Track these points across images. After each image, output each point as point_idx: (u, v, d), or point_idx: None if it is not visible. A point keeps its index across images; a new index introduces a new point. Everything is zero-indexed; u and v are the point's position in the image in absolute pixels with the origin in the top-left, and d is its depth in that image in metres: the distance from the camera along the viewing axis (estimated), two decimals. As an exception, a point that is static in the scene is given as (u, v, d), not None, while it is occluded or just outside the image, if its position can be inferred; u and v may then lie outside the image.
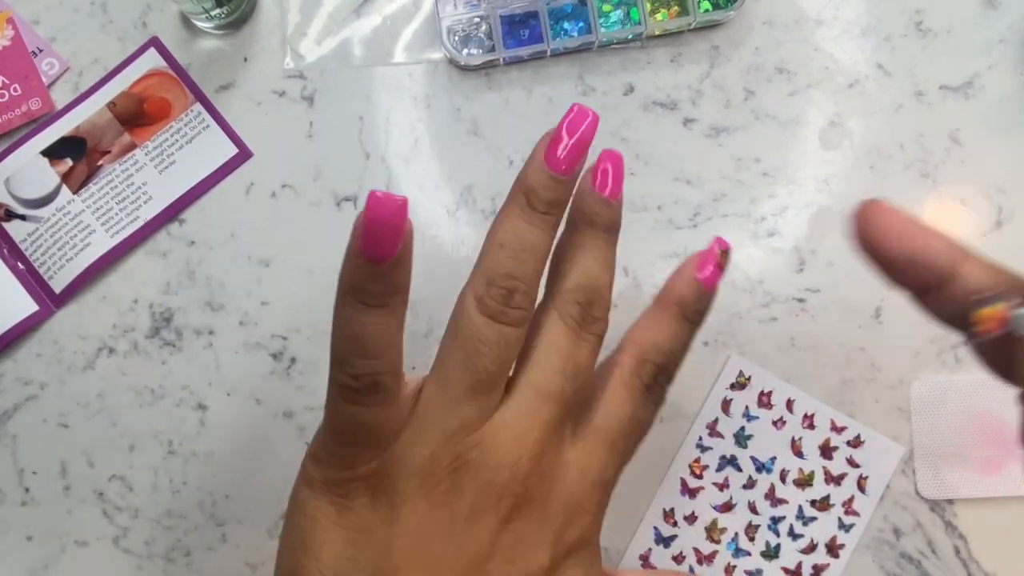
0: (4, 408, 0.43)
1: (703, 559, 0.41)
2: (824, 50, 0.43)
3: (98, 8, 0.44)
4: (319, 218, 0.43)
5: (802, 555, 0.41)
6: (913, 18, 0.43)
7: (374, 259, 0.23)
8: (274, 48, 0.44)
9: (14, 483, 0.43)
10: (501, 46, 0.42)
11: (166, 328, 0.43)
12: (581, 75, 0.43)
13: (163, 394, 0.43)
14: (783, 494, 0.41)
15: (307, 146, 0.44)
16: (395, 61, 0.44)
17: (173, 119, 0.43)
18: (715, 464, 0.41)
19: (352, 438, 0.25)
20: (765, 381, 0.41)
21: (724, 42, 0.43)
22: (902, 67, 0.42)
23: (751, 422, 0.41)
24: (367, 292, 0.24)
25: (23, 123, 0.44)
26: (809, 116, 0.43)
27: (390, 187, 0.43)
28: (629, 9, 0.42)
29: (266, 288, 0.43)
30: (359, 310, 0.24)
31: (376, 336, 0.24)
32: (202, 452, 0.43)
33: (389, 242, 0.23)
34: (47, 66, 0.44)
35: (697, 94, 0.43)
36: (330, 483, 0.26)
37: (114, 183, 0.43)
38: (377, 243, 0.23)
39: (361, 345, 0.24)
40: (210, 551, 0.43)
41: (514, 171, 0.43)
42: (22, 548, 0.43)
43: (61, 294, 0.43)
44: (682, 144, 0.43)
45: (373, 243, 0.23)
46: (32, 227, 0.43)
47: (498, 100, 0.43)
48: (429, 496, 0.25)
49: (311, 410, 0.43)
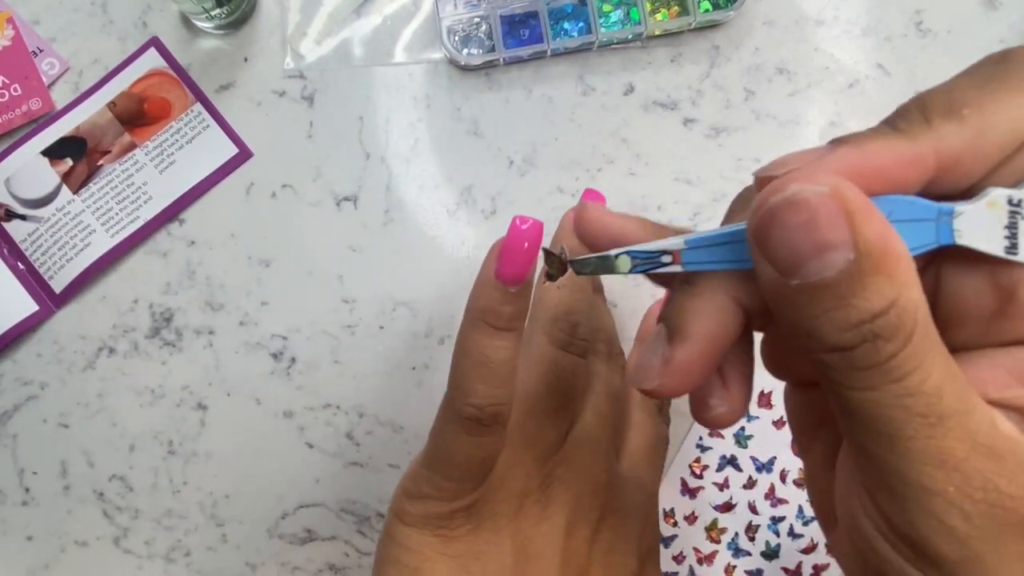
0: (4, 408, 0.43)
1: (703, 559, 0.41)
2: (824, 50, 0.43)
3: (98, 8, 0.44)
4: (319, 218, 0.43)
5: (802, 555, 0.41)
6: (913, 18, 0.43)
7: (508, 282, 0.24)
8: (274, 48, 0.44)
9: (14, 483, 0.43)
10: (501, 46, 0.42)
11: (166, 328, 0.43)
12: (581, 75, 0.43)
13: (163, 394, 0.43)
14: (783, 494, 0.41)
15: (307, 146, 0.44)
16: (395, 61, 0.44)
17: (173, 119, 0.43)
18: (715, 464, 0.41)
19: (467, 471, 0.26)
20: (765, 381, 0.41)
21: (724, 42, 0.43)
22: (902, 67, 0.42)
23: (751, 422, 0.41)
24: (499, 315, 0.24)
25: (23, 123, 0.44)
26: (809, 116, 0.43)
27: (390, 187, 0.43)
28: (629, 9, 0.42)
29: (266, 288, 0.43)
30: (489, 334, 0.24)
31: (503, 362, 0.25)
32: (202, 452, 0.43)
33: (523, 265, 0.24)
34: (47, 66, 0.44)
35: (697, 94, 0.43)
36: (432, 517, 0.26)
37: (114, 183, 0.43)
38: (513, 266, 0.24)
39: (489, 371, 0.24)
40: (210, 551, 0.43)
41: (514, 171, 0.43)
42: (22, 548, 0.43)
43: (61, 294, 0.43)
44: (682, 144, 0.43)
45: (510, 267, 0.24)
46: (32, 227, 0.43)
47: (498, 100, 0.43)
48: (528, 515, 0.27)
49: (311, 410, 0.43)
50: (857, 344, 0.15)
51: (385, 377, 0.43)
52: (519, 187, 0.43)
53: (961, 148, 0.16)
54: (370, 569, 0.42)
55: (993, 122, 0.16)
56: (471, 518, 0.26)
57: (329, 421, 0.43)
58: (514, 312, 0.24)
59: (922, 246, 0.17)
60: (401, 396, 0.42)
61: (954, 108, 0.16)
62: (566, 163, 0.43)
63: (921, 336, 0.15)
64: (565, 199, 0.43)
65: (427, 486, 0.26)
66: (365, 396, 0.43)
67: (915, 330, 0.15)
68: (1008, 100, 0.16)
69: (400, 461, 0.43)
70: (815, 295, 0.15)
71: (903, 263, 0.15)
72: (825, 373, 0.16)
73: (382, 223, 0.43)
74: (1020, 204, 0.16)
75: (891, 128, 0.17)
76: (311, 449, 0.43)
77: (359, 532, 0.43)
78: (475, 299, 0.25)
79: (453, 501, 0.26)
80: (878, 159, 0.16)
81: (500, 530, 0.27)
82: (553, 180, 0.43)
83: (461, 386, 0.25)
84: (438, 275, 0.43)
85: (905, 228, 0.16)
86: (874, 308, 0.15)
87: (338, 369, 0.43)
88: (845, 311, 0.15)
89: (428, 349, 0.42)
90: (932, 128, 0.16)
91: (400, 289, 0.43)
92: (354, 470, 0.43)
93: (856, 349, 0.15)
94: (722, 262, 0.18)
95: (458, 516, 0.26)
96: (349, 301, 0.43)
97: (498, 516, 0.27)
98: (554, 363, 0.29)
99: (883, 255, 0.15)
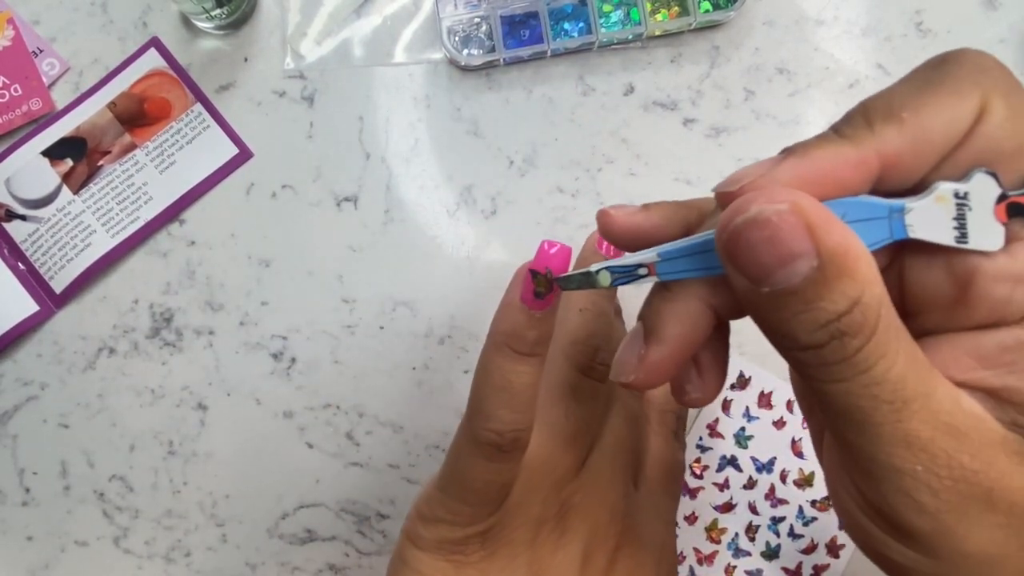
0: (4, 408, 0.43)
1: (703, 559, 0.41)
2: (824, 50, 0.43)
3: (98, 8, 0.44)
4: (319, 218, 0.43)
5: (802, 555, 0.41)
6: (913, 18, 0.43)
7: (534, 306, 0.24)
8: (274, 48, 0.44)
9: (14, 483, 0.43)
10: (501, 46, 0.42)
11: (166, 328, 0.43)
12: (581, 75, 0.43)
13: (163, 394, 0.43)
14: (783, 494, 0.41)
15: (307, 146, 0.44)
16: (395, 61, 0.44)
17: (173, 119, 0.43)
18: (715, 464, 0.41)
19: (484, 496, 0.26)
20: (765, 381, 0.41)
21: (724, 42, 0.43)
22: (902, 67, 0.42)
23: (751, 422, 0.41)
24: (523, 339, 0.24)
25: (24, 123, 0.44)
26: (809, 116, 0.43)
27: (390, 187, 0.43)
28: (629, 9, 0.42)
29: (266, 288, 0.43)
30: (512, 359, 0.24)
31: (525, 387, 0.24)
32: (202, 452, 0.43)
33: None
34: (47, 66, 0.44)
35: (697, 94, 0.43)
36: (446, 542, 0.26)
37: (114, 183, 0.43)
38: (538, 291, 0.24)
39: (511, 396, 0.24)
40: (210, 551, 0.43)
41: (514, 171, 0.43)
42: (22, 548, 0.43)
43: (61, 294, 0.43)
44: (682, 144, 0.43)
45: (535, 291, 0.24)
46: (32, 227, 0.43)
47: (498, 100, 0.43)
48: (544, 543, 0.27)
49: (311, 410, 0.43)
50: (826, 342, 0.16)
51: (385, 377, 0.43)
52: (519, 187, 0.43)
53: (901, 149, 0.17)
54: (370, 569, 0.42)
55: (929, 124, 0.17)
56: (486, 544, 0.26)
57: (329, 421, 0.43)
58: (538, 337, 0.24)
59: (878, 242, 0.18)
60: (401, 396, 0.42)
61: (893, 112, 0.17)
62: (566, 163, 0.43)
63: (885, 328, 0.16)
64: (565, 199, 0.43)
65: (442, 510, 0.26)
66: (365, 396, 0.43)
67: (878, 324, 0.16)
68: (942, 102, 0.17)
69: (400, 461, 0.43)
70: (785, 301, 0.16)
71: (863, 262, 0.16)
72: (800, 369, 0.17)
73: (382, 223, 0.43)
74: (966, 196, 0.17)
75: (836, 134, 0.18)
76: (311, 449, 0.43)
77: (359, 532, 0.43)
78: (499, 322, 0.24)
79: (468, 526, 0.26)
80: (824, 165, 0.17)
81: (515, 557, 0.26)
82: (553, 180, 0.43)
83: (481, 410, 0.24)
84: (438, 275, 0.43)
85: (861, 227, 0.17)
86: (839, 308, 0.16)
87: (338, 369, 0.43)
88: (813, 313, 0.16)
89: (428, 349, 0.42)
90: (874, 132, 0.17)
91: (400, 289, 0.43)
92: (354, 470, 0.43)
93: (825, 347, 0.16)
94: (694, 270, 0.19)
95: (472, 542, 0.26)
96: (349, 301, 0.43)
97: (514, 543, 0.26)
98: (574, 387, 0.28)
99: (844, 259, 0.16)
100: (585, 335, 0.29)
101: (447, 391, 0.42)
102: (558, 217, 0.43)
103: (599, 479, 0.28)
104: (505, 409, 0.24)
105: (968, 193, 0.17)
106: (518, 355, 0.24)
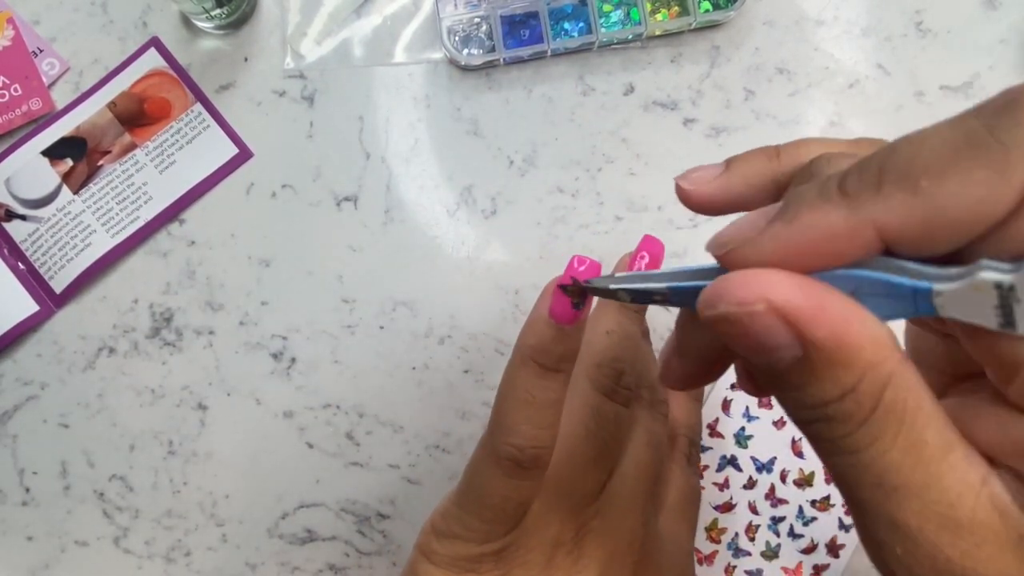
0: (4, 408, 0.43)
1: (703, 559, 0.41)
2: (824, 50, 0.43)
3: (98, 8, 0.44)
4: (319, 218, 0.43)
5: (802, 555, 0.41)
6: (913, 18, 0.43)
7: (562, 321, 0.23)
8: (274, 48, 0.44)
9: (14, 483, 0.43)
10: (501, 46, 0.42)
11: (166, 328, 0.43)
12: (581, 75, 0.43)
13: (163, 394, 0.43)
14: (783, 494, 0.41)
15: (307, 146, 0.44)
16: (395, 61, 0.44)
17: (173, 119, 0.43)
18: (715, 464, 0.41)
19: (501, 514, 0.25)
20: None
21: (724, 42, 0.43)
22: (902, 67, 0.42)
23: (751, 422, 0.41)
24: (549, 354, 0.24)
25: (24, 123, 0.44)
26: (809, 116, 0.43)
27: (390, 187, 0.43)
28: (629, 9, 0.42)
29: (266, 288, 0.43)
30: (537, 373, 0.24)
31: (549, 403, 0.24)
32: (202, 452, 0.43)
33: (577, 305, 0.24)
34: (47, 66, 0.44)
35: (697, 94, 0.43)
36: (460, 559, 0.26)
37: (114, 183, 0.43)
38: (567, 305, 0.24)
39: (534, 411, 0.24)
40: (210, 551, 0.43)
41: (514, 171, 0.43)
42: (22, 548, 0.43)
43: (61, 294, 0.43)
44: (682, 144, 0.43)
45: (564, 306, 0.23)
46: (32, 227, 0.43)
47: (498, 100, 0.43)
48: (559, 567, 0.26)
49: (311, 410, 0.43)
50: (812, 421, 0.15)
51: (385, 377, 0.43)
52: (519, 187, 0.43)
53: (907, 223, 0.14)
54: (370, 569, 0.42)
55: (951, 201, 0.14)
56: (500, 563, 0.26)
57: (329, 421, 0.43)
58: (564, 352, 0.24)
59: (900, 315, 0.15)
60: (401, 396, 0.42)
61: (912, 175, 0.14)
62: (566, 163, 0.43)
63: (885, 413, 0.14)
64: (565, 199, 0.43)
65: (457, 525, 0.25)
66: (365, 396, 0.43)
67: (876, 409, 0.14)
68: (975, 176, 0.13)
69: (400, 461, 0.43)
70: (774, 377, 0.15)
71: (867, 350, 0.14)
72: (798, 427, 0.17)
73: (382, 223, 0.43)
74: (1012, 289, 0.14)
75: (839, 189, 0.15)
76: (311, 449, 0.43)
77: (359, 532, 0.43)
78: (526, 336, 0.24)
79: (483, 544, 0.25)
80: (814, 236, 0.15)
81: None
82: (553, 180, 0.43)
83: (503, 424, 0.24)
84: (438, 275, 0.43)
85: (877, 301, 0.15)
86: (827, 396, 0.15)
87: (338, 369, 0.43)
88: (799, 394, 0.15)
89: (428, 349, 0.42)
90: (880, 195, 0.14)
91: (400, 289, 0.43)
92: (354, 470, 0.43)
93: (812, 425, 0.15)
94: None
95: (487, 560, 0.25)
96: (349, 301, 0.43)
97: (529, 564, 0.26)
98: (596, 409, 0.28)
99: (835, 351, 0.14)
100: (611, 358, 0.29)
101: (447, 391, 0.42)
102: (558, 217, 0.43)
103: (618, 504, 0.28)
104: (528, 424, 0.24)
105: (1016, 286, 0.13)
106: (544, 370, 0.24)
